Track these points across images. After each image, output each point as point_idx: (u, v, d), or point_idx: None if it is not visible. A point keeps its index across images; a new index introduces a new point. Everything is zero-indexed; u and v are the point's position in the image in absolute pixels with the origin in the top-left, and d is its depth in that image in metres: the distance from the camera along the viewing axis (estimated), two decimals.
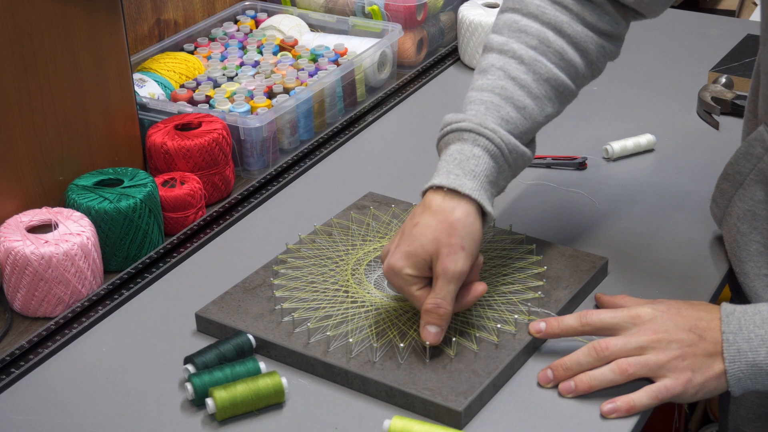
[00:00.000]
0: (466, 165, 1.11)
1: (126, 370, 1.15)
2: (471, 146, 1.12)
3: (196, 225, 1.38)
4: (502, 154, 1.12)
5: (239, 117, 1.49)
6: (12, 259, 1.21)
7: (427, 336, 1.09)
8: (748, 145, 1.20)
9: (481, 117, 1.13)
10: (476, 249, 1.09)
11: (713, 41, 1.85)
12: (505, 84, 1.15)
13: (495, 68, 1.16)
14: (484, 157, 1.11)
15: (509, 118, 1.14)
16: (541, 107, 1.16)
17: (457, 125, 1.13)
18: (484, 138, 1.12)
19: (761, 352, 1.05)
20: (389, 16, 1.79)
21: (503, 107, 1.14)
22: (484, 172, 1.11)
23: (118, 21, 1.38)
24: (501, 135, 1.12)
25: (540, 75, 1.16)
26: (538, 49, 1.16)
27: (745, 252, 1.21)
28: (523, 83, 1.15)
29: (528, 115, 1.15)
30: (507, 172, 1.15)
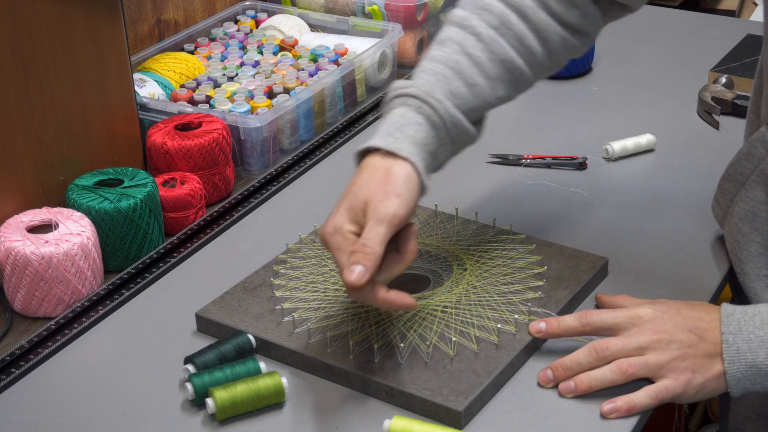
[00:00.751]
0: (407, 130, 1.09)
1: (126, 370, 1.15)
2: (414, 113, 1.10)
3: (196, 225, 1.38)
4: (445, 126, 1.11)
5: (239, 117, 1.49)
6: (12, 259, 1.21)
7: (349, 275, 1.00)
8: (750, 146, 1.20)
9: (430, 86, 1.12)
10: (412, 200, 1.06)
11: (713, 41, 1.85)
12: (460, 59, 1.14)
13: (452, 41, 1.15)
14: (425, 125, 1.10)
15: (458, 92, 1.12)
16: (492, 87, 1.15)
17: (404, 90, 1.12)
18: (428, 106, 1.10)
19: (760, 353, 1.05)
20: (389, 16, 1.79)
21: (453, 81, 1.13)
22: (423, 140, 1.10)
23: (118, 21, 1.38)
24: (446, 106, 1.11)
25: (496, 55, 1.14)
26: (499, 30, 1.15)
27: (745, 252, 1.21)
28: (478, 61, 1.14)
29: (478, 93, 1.14)
30: (448, 146, 1.13)
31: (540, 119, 1.63)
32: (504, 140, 1.56)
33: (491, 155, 1.51)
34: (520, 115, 1.68)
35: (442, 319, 1.15)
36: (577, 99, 1.68)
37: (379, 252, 1.02)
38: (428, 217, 1.33)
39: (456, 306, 1.17)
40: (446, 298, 1.18)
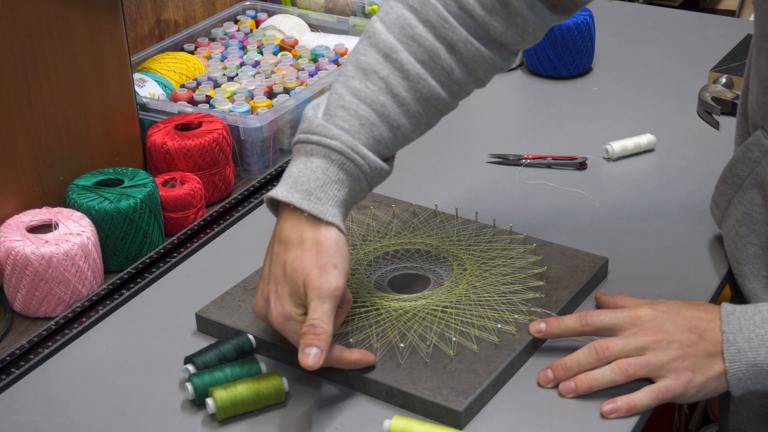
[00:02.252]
0: (330, 189, 1.07)
1: (126, 370, 1.15)
2: (337, 169, 1.07)
3: (196, 225, 1.38)
4: (366, 179, 1.10)
5: (239, 117, 1.49)
6: (12, 259, 1.21)
7: (305, 359, 1.01)
8: (746, 149, 1.20)
9: (354, 136, 1.08)
10: (347, 265, 1.06)
11: (713, 41, 1.85)
12: (385, 100, 1.10)
13: (377, 77, 1.10)
14: (347, 182, 1.08)
15: (381, 138, 1.10)
16: (415, 125, 1.13)
17: (328, 141, 1.07)
18: (353, 164, 1.08)
19: (761, 352, 1.05)
20: None
21: (377, 127, 1.10)
22: (345, 198, 1.08)
23: (118, 21, 1.38)
24: (370, 161, 1.09)
25: (421, 94, 1.11)
26: (426, 64, 1.11)
27: (743, 254, 1.21)
28: (403, 101, 1.11)
29: (401, 134, 1.12)
30: (366, 191, 1.12)
31: (540, 119, 1.63)
32: (504, 140, 1.56)
33: (491, 155, 1.51)
34: (520, 115, 1.69)
35: (442, 319, 1.15)
36: (577, 99, 1.68)
37: (329, 329, 1.03)
38: (428, 217, 1.33)
39: (456, 306, 1.17)
40: (446, 298, 1.18)
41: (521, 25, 1.12)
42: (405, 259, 1.26)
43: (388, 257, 1.26)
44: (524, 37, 1.14)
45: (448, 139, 1.53)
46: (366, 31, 1.13)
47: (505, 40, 1.13)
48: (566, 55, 1.70)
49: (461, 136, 1.55)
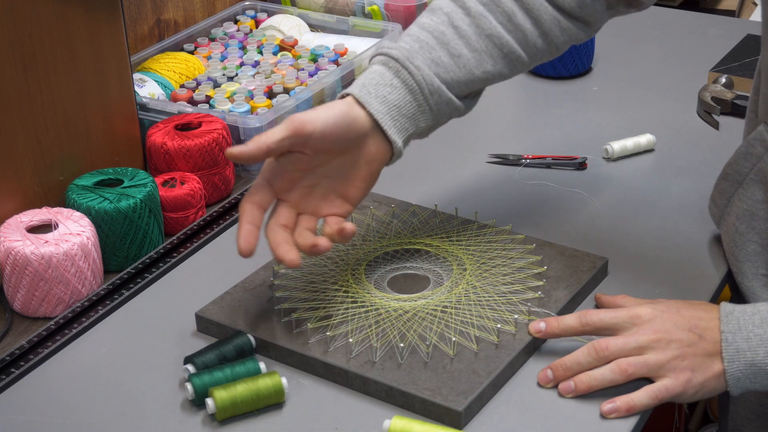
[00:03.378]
0: (381, 90, 1.12)
1: (126, 370, 1.15)
2: (392, 75, 1.13)
3: (196, 225, 1.38)
4: (422, 93, 1.13)
5: (239, 117, 1.49)
6: (12, 259, 1.21)
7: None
8: (748, 144, 1.20)
9: (412, 52, 1.14)
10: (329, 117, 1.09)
11: (713, 41, 1.85)
12: (446, 30, 1.16)
13: (441, 12, 1.17)
14: (401, 88, 1.13)
15: (440, 61, 1.14)
16: (478, 61, 1.16)
17: (387, 51, 1.14)
18: (406, 71, 1.13)
19: (760, 351, 1.05)
20: (389, 16, 1.79)
21: (436, 50, 1.15)
22: (396, 102, 1.13)
23: (118, 21, 1.38)
24: (424, 74, 1.13)
25: (483, 30, 1.16)
26: (488, 6, 1.16)
27: (742, 252, 1.21)
28: (464, 34, 1.16)
29: (462, 65, 1.15)
30: (428, 114, 1.15)
31: (540, 119, 1.63)
32: (504, 140, 1.56)
33: (491, 155, 1.51)
34: (520, 115, 1.69)
35: (442, 319, 1.15)
36: (577, 99, 1.68)
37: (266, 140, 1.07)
38: (428, 217, 1.33)
39: (456, 306, 1.17)
40: (446, 298, 1.18)
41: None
42: (405, 259, 1.26)
43: (388, 257, 1.26)
44: (583, 7, 1.18)
45: (448, 139, 1.53)
46: None
47: (563, 4, 1.17)
48: (566, 55, 1.70)
49: (461, 136, 1.55)
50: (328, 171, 1.13)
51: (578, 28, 1.20)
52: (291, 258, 1.09)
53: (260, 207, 1.11)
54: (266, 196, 1.12)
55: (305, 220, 1.13)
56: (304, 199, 1.13)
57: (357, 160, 1.13)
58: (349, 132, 1.11)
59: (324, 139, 1.10)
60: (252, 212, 1.10)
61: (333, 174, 1.13)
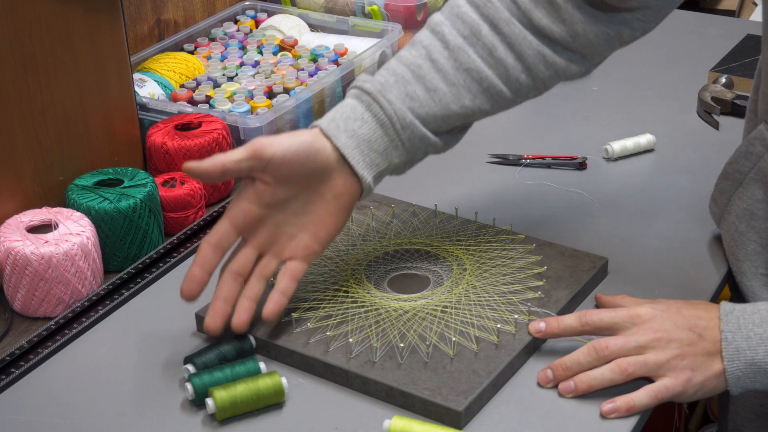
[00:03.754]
0: (351, 124, 1.11)
1: (126, 370, 1.15)
2: (363, 109, 1.12)
3: (196, 225, 1.38)
4: (393, 127, 1.12)
5: (239, 117, 1.49)
6: (12, 259, 1.21)
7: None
8: (749, 143, 1.20)
9: (387, 86, 1.13)
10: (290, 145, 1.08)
11: (713, 41, 1.85)
12: (423, 63, 1.14)
13: (420, 45, 1.15)
14: (372, 122, 1.11)
15: (414, 95, 1.13)
16: (455, 95, 1.14)
17: (362, 84, 1.13)
18: (378, 106, 1.12)
19: (760, 350, 1.05)
20: (389, 16, 1.79)
21: (411, 84, 1.13)
22: (366, 136, 1.11)
23: (118, 21, 1.38)
24: (396, 108, 1.12)
25: (461, 64, 1.14)
26: (468, 39, 1.14)
27: (742, 251, 1.21)
28: (441, 67, 1.14)
29: (438, 99, 1.13)
30: (401, 150, 1.13)
31: (540, 119, 1.63)
32: (504, 140, 1.56)
33: (491, 155, 1.51)
34: (520, 115, 1.68)
35: (442, 319, 1.15)
36: (577, 99, 1.68)
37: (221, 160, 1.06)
38: (428, 217, 1.33)
39: (456, 306, 1.17)
40: (446, 298, 1.18)
41: (569, 22, 1.14)
42: (405, 259, 1.26)
43: (388, 257, 1.26)
44: (575, 37, 1.14)
45: None
46: None
47: (554, 34, 1.14)
48: None
49: None
50: (295, 207, 1.11)
51: (571, 61, 1.17)
52: (211, 324, 1.09)
53: (218, 248, 1.09)
54: (227, 236, 1.10)
55: (263, 265, 1.11)
56: (269, 240, 1.11)
57: (323, 195, 1.11)
58: (311, 162, 1.09)
59: (285, 166, 1.08)
60: (206, 255, 1.09)
61: (299, 211, 1.11)
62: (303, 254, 1.12)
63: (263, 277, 1.11)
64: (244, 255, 1.11)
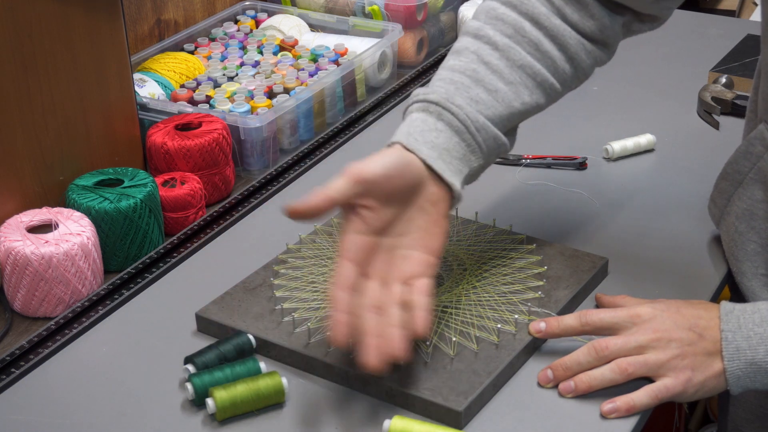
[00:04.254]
0: (427, 135, 1.09)
1: (126, 370, 1.15)
2: (435, 120, 1.10)
3: (196, 225, 1.38)
4: (468, 131, 1.11)
5: (239, 117, 1.49)
6: (12, 259, 1.21)
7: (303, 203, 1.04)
8: (748, 143, 1.20)
9: (450, 93, 1.12)
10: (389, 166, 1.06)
11: (713, 41, 1.85)
12: (477, 67, 1.14)
13: (468, 51, 1.15)
14: (446, 131, 1.10)
15: (479, 98, 1.13)
16: (515, 93, 1.15)
17: (425, 96, 1.12)
18: (449, 113, 1.10)
19: (760, 350, 1.05)
20: (389, 16, 1.79)
21: (473, 88, 1.13)
22: (445, 145, 1.10)
23: (118, 21, 1.38)
24: (467, 112, 1.11)
25: (514, 62, 1.15)
26: (513, 38, 1.15)
27: (742, 251, 1.21)
28: (496, 68, 1.14)
29: (501, 99, 1.14)
30: (479, 153, 1.13)
31: (540, 119, 1.62)
32: None
33: None
34: None
35: (442, 319, 1.15)
36: (577, 99, 1.67)
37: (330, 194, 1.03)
38: None
39: (456, 306, 1.17)
40: (446, 298, 1.18)
41: (597, 17, 1.16)
42: None
43: None
44: (603, 30, 1.17)
45: None
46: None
47: (585, 28, 1.17)
48: None
49: None
50: (400, 229, 1.08)
51: (600, 50, 1.20)
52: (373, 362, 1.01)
53: (349, 290, 1.04)
54: (351, 275, 1.05)
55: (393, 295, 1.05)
56: (387, 266, 1.07)
57: (423, 207, 1.09)
58: (408, 173, 1.07)
59: (386, 185, 1.06)
60: (342, 299, 1.03)
61: (405, 230, 1.08)
62: (423, 269, 1.07)
63: (399, 305, 1.05)
64: (372, 289, 1.05)
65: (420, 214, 1.08)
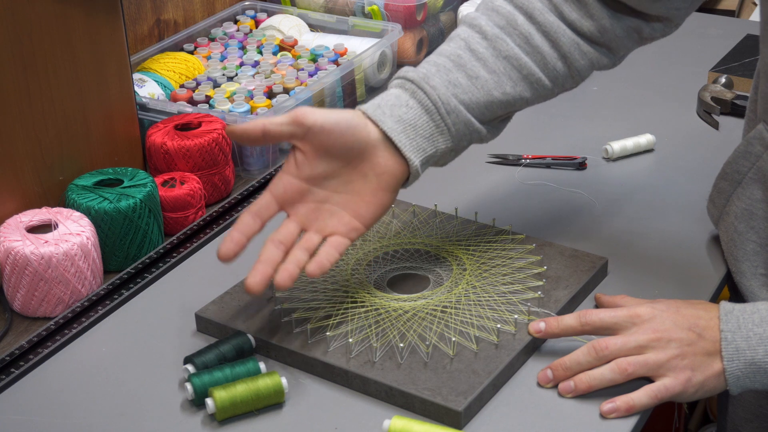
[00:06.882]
0: (396, 110, 1.12)
1: (126, 370, 1.15)
2: (408, 96, 1.14)
3: (196, 225, 1.38)
4: (438, 112, 1.13)
5: (239, 117, 1.49)
6: (12, 259, 1.21)
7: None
8: (747, 143, 1.20)
9: (429, 74, 1.14)
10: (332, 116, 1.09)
11: (713, 41, 1.85)
12: (462, 53, 1.16)
13: (459, 38, 1.18)
14: (416, 108, 1.13)
15: (457, 82, 1.15)
16: (497, 82, 1.16)
17: (405, 74, 1.15)
18: (422, 92, 1.13)
19: (759, 350, 1.05)
20: (389, 16, 1.79)
21: (453, 72, 1.15)
22: (412, 121, 1.12)
23: (118, 21, 1.38)
24: (440, 93, 1.13)
25: (500, 51, 1.16)
26: (504, 29, 1.17)
27: (741, 251, 1.21)
28: (481, 56, 1.16)
29: (480, 86, 1.15)
30: (446, 135, 1.15)
31: (540, 119, 1.63)
32: (504, 140, 1.55)
33: (491, 155, 1.51)
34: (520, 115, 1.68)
35: (441, 319, 1.15)
36: (577, 99, 1.68)
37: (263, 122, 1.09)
38: (428, 217, 1.33)
39: (456, 306, 1.17)
40: (446, 298, 1.18)
41: (597, 18, 1.17)
42: (405, 259, 1.26)
43: (388, 257, 1.26)
44: (603, 32, 1.18)
45: None
46: None
47: (583, 28, 1.17)
48: None
49: None
50: (336, 185, 1.12)
51: (600, 53, 1.20)
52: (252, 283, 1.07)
53: (257, 217, 1.10)
54: (267, 207, 1.11)
55: (306, 239, 1.11)
56: (311, 216, 1.12)
57: (365, 173, 1.12)
58: (350, 136, 1.10)
59: (323, 135, 1.09)
60: (246, 221, 1.09)
61: (341, 189, 1.12)
62: (345, 230, 1.12)
63: (306, 249, 1.11)
64: (287, 227, 1.11)
65: (360, 178, 1.12)
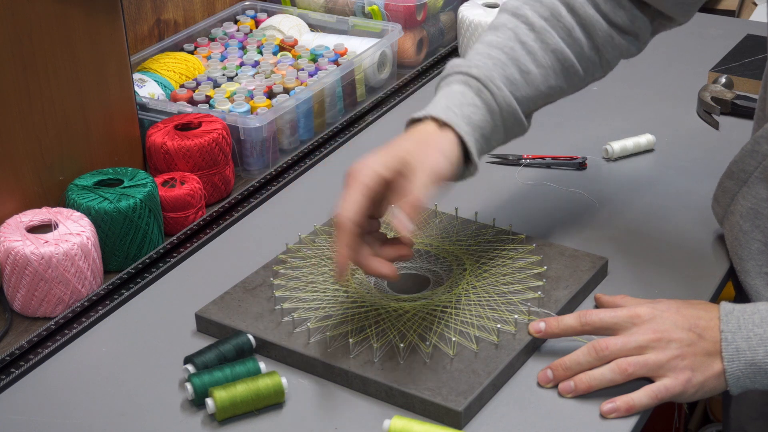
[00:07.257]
0: (465, 109, 1.12)
1: (126, 370, 1.15)
2: (474, 94, 1.13)
3: (196, 225, 1.38)
4: (501, 113, 1.14)
5: (239, 117, 1.49)
6: (12, 259, 1.21)
7: (403, 226, 1.02)
8: (755, 142, 1.20)
9: (489, 71, 1.14)
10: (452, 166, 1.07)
11: (713, 41, 1.85)
12: (514, 45, 1.16)
13: (506, 28, 1.18)
14: (482, 108, 1.13)
15: (513, 79, 1.15)
16: (544, 77, 1.17)
17: (467, 69, 1.14)
18: (488, 92, 1.13)
19: (760, 351, 1.05)
20: (389, 16, 1.79)
21: (508, 67, 1.15)
22: (479, 122, 1.12)
23: (118, 21, 1.38)
24: (505, 94, 1.13)
25: (548, 45, 1.17)
26: (549, 21, 1.18)
27: (746, 250, 1.21)
28: (531, 49, 1.17)
29: (531, 82, 1.16)
30: (500, 133, 1.16)
31: (540, 119, 1.62)
32: None
33: (491, 155, 1.51)
34: None
35: (441, 319, 1.15)
36: (577, 99, 1.67)
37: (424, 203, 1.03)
38: (428, 217, 1.33)
39: (456, 306, 1.17)
40: (446, 298, 1.18)
41: (627, 8, 1.19)
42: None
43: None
44: (633, 21, 1.20)
45: None
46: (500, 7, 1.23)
47: (617, 19, 1.19)
48: None
49: None
50: None
51: (629, 42, 1.22)
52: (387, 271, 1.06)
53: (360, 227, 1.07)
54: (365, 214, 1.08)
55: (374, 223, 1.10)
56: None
57: None
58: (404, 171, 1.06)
59: None
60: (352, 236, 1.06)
61: None
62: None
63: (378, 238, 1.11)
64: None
65: None
